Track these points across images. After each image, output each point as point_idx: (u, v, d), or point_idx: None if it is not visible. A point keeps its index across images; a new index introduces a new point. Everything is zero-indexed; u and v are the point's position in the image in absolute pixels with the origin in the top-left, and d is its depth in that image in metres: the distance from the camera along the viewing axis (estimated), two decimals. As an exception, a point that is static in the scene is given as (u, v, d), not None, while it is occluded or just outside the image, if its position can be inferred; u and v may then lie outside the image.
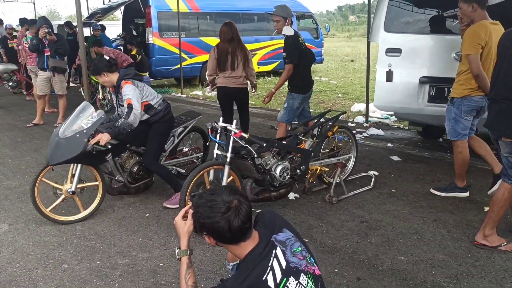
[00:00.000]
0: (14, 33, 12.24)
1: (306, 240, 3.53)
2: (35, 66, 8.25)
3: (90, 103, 4.11)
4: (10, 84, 11.70)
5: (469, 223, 3.75)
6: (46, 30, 7.42)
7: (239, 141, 3.69)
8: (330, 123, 4.48)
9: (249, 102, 5.71)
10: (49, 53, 7.57)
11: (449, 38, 4.92)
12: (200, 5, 13.08)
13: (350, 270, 3.10)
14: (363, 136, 6.80)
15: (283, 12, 4.92)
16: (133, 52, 10.96)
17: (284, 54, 4.98)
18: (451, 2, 4.46)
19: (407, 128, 7.30)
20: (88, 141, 3.75)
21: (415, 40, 5.06)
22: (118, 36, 15.92)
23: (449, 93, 4.17)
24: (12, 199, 4.48)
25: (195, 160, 4.90)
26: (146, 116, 4.17)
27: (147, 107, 4.14)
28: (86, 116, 3.89)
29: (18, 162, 5.74)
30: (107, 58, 4.14)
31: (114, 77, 4.10)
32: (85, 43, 5.87)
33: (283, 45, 5.05)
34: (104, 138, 3.78)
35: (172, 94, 11.91)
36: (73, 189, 3.87)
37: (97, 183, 4.04)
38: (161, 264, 3.22)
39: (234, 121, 3.76)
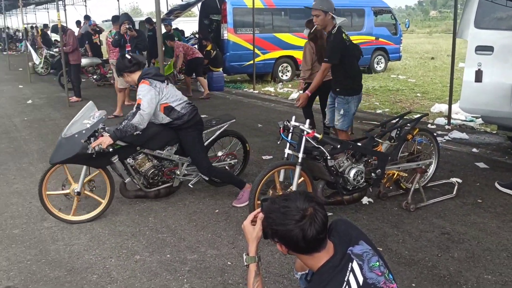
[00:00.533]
0: (97, 29, 13.00)
1: (380, 249, 3.32)
2: (115, 59, 8.66)
3: (93, 104, 3.98)
4: (95, 77, 12.42)
5: None
6: (127, 26, 7.75)
7: (312, 142, 3.55)
8: (410, 125, 4.20)
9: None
10: (129, 48, 7.89)
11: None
12: (275, 1, 13.01)
13: (429, 286, 2.86)
14: (444, 139, 6.35)
15: (323, 5, 4.38)
16: (208, 48, 11.18)
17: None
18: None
19: (494, 132, 6.71)
20: (86, 142, 3.65)
21: (509, 37, 4.59)
22: (191, 34, 16.37)
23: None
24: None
25: (227, 167, 4.63)
26: (167, 119, 3.99)
27: (167, 109, 3.96)
28: (88, 117, 3.79)
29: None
30: (129, 57, 4.07)
31: (135, 76, 4.04)
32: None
33: (359, 40, 4.78)
34: (105, 141, 3.64)
35: (244, 89, 11.98)
36: (78, 190, 3.83)
37: (102, 201, 3.94)
38: (229, 263, 3.19)
39: (307, 121, 3.63)
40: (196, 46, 13.27)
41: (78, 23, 16.71)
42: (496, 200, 4.17)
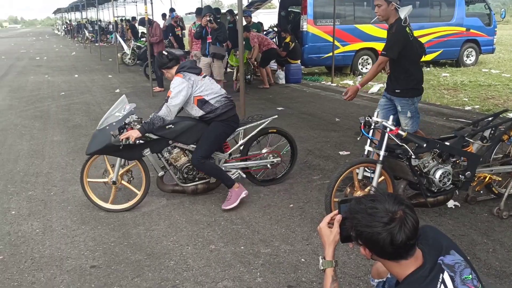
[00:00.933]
0: (178, 23, 13.47)
1: (468, 258, 3.07)
2: (199, 51, 8.89)
3: (125, 97, 4.06)
4: (177, 68, 12.89)
5: None
6: (208, 19, 7.89)
7: (395, 139, 3.36)
8: (506, 125, 3.83)
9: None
10: (210, 40, 8.05)
11: None
12: (357, -9, 12.60)
13: (523, 304, 2.60)
14: (543, 141, 5.75)
15: None
16: (287, 40, 11.10)
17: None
18: None
19: None
20: (117, 135, 3.73)
21: None
22: (269, 28, 16.36)
23: None
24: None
25: (268, 166, 4.46)
26: (201, 112, 3.97)
27: (200, 102, 3.94)
28: (119, 109, 3.88)
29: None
30: (165, 54, 4.10)
31: (173, 71, 4.06)
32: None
33: (447, 32, 4.40)
34: (133, 135, 3.68)
35: (322, 82, 11.77)
36: (114, 179, 3.94)
37: (138, 192, 4.01)
38: (302, 260, 3.13)
39: (391, 117, 3.44)
40: (274, 39, 13.26)
41: (163, 15, 17.42)
42: None
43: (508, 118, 3.97)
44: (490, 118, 3.99)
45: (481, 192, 3.99)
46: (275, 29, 13.86)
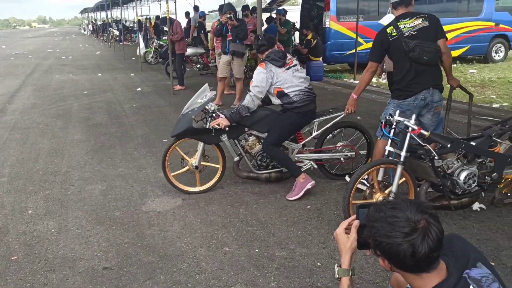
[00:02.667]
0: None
1: (493, 263, 2.90)
2: (219, 49, 8.83)
3: (207, 86, 4.33)
4: (198, 66, 12.89)
5: None
6: (228, 16, 7.81)
7: (417, 139, 3.21)
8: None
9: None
10: (230, 38, 7.98)
11: None
12: (381, -14, 12.32)
13: (554, 316, 2.43)
14: None
15: None
16: (309, 37, 10.96)
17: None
18: None
19: None
20: (202, 120, 4.09)
21: None
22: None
23: None
24: (188, 174, 4.78)
25: (342, 159, 4.50)
26: (278, 101, 4.15)
27: (280, 94, 4.08)
28: (201, 97, 4.18)
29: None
30: (259, 38, 4.31)
31: (264, 56, 4.22)
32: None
33: (475, 27, 4.17)
34: (223, 122, 3.94)
35: (344, 80, 11.57)
36: (196, 164, 4.22)
37: (218, 166, 4.32)
38: (318, 264, 3.03)
39: (413, 116, 3.28)
40: (293, 37, 13.08)
41: (187, 14, 17.48)
42: None
43: (539, 116, 3.75)
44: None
45: (509, 194, 3.79)
46: (294, 25, 13.66)
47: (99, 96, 10.03)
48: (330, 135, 4.48)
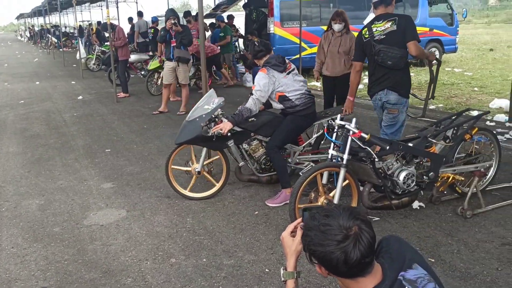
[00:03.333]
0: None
1: (432, 260, 3.04)
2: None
3: (214, 91, 4.29)
4: (143, 73, 12.60)
5: None
6: (173, 22, 7.70)
7: (358, 142, 3.30)
8: (468, 124, 3.84)
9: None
10: (174, 44, 7.87)
11: None
12: (323, -8, 12.66)
13: (488, 306, 2.56)
14: (505, 137, 5.86)
15: None
16: (254, 42, 10.99)
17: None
18: None
19: (562, 130, 6.12)
20: (207, 126, 3.97)
21: None
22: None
23: None
24: (133, 185, 4.67)
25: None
26: (280, 106, 4.19)
27: (282, 98, 4.13)
28: (209, 102, 4.10)
29: (142, 148, 6.04)
30: (257, 43, 4.30)
31: (262, 62, 4.25)
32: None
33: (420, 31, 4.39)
34: (226, 126, 3.90)
35: (290, 84, 11.73)
36: (199, 169, 4.17)
37: (216, 184, 4.27)
38: (266, 270, 3.02)
39: (354, 120, 3.37)
40: (237, 42, 13.13)
41: (130, 19, 17.07)
42: None
43: (470, 117, 3.98)
44: (452, 118, 4.00)
45: (445, 192, 3.98)
46: (239, 32, 13.73)
47: (37, 106, 9.55)
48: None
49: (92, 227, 3.73)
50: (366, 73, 4.86)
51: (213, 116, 4.03)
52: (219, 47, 11.09)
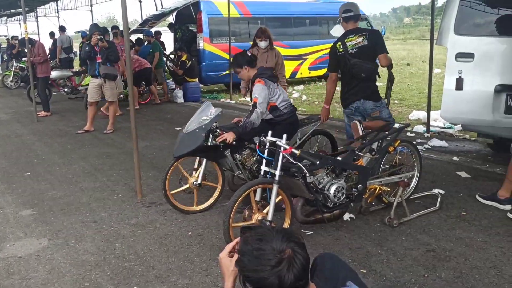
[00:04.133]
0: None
1: (364, 271, 3.12)
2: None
3: (210, 103, 4.34)
4: (66, 90, 12.00)
5: (560, 258, 3.19)
6: (98, 37, 7.42)
7: (289, 158, 3.33)
8: (391, 137, 4.03)
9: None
10: (100, 60, 7.57)
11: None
12: (251, 10, 12.89)
13: (417, 313, 2.66)
14: (424, 147, 6.23)
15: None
16: (183, 58, 10.93)
17: None
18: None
19: (473, 139, 6.63)
20: (209, 137, 4.00)
21: (490, 44, 4.48)
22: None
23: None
24: (55, 210, 4.37)
25: None
26: (269, 116, 4.28)
27: (272, 108, 4.24)
28: (206, 114, 4.16)
29: (65, 170, 5.70)
30: (249, 54, 4.38)
31: (252, 72, 4.29)
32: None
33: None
34: (229, 137, 3.97)
35: (222, 100, 11.75)
36: (199, 181, 4.17)
37: (217, 185, 4.35)
38: (201, 293, 2.93)
39: (284, 136, 3.40)
40: (169, 57, 12.96)
41: (51, 34, 16.27)
42: (480, 212, 4.03)
43: (393, 129, 4.18)
44: (376, 131, 4.17)
45: (373, 203, 4.13)
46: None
47: None
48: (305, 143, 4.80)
49: (9, 260, 3.41)
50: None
51: (214, 127, 4.07)
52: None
